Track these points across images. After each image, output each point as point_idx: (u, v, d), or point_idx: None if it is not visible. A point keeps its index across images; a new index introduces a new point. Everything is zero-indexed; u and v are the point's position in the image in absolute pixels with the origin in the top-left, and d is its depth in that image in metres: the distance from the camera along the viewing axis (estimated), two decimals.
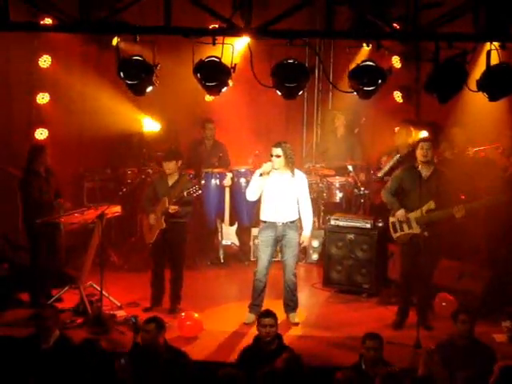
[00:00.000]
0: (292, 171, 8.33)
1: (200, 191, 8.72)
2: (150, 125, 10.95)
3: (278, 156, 8.21)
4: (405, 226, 8.19)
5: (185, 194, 8.49)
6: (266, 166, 8.23)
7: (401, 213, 8.16)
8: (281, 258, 8.50)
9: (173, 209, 8.48)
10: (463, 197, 8.60)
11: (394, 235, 8.33)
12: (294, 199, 8.35)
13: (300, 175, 8.44)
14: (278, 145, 8.26)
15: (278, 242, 8.37)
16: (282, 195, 8.29)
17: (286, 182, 8.31)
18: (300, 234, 8.43)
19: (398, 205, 8.22)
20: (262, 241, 8.38)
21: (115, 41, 7.33)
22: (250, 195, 8.40)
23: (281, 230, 8.31)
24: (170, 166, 8.67)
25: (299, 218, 8.41)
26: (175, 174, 8.74)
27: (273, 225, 8.32)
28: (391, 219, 8.33)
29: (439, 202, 8.02)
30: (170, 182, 8.71)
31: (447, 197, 8.08)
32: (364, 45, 7.31)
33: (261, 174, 8.24)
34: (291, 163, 8.31)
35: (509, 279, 8.58)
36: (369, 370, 6.27)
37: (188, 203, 8.63)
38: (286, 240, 8.33)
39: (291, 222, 8.35)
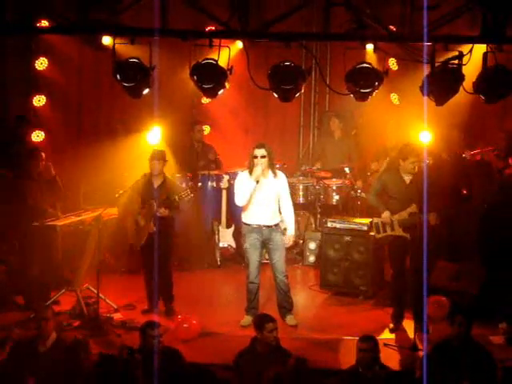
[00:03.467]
0: (274, 171, 8.26)
1: (192, 195, 8.66)
2: (154, 136, 10.74)
3: (264, 156, 8.10)
4: (387, 228, 8.22)
5: (176, 198, 8.47)
6: (258, 170, 8.09)
7: (386, 215, 8.18)
8: (269, 261, 8.43)
9: (162, 212, 8.44)
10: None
11: (377, 236, 8.39)
12: (277, 200, 8.30)
13: (281, 175, 8.36)
14: (261, 146, 8.14)
15: (265, 245, 8.31)
16: (267, 197, 8.21)
17: (270, 183, 8.23)
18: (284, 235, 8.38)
19: (384, 207, 8.25)
20: (249, 244, 8.28)
21: (110, 41, 7.32)
22: (242, 201, 8.19)
23: (267, 234, 8.24)
24: (159, 167, 8.58)
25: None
26: (160, 176, 8.66)
27: (258, 228, 8.24)
28: (374, 220, 8.38)
29: (420, 205, 8.00)
30: (156, 185, 8.64)
31: (428, 200, 8.06)
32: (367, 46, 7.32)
33: (257, 181, 8.10)
34: (273, 163, 8.27)
35: (505, 279, 8.57)
36: (365, 373, 6.27)
37: (177, 207, 8.58)
38: (273, 243, 8.26)
39: (275, 225, 8.30)
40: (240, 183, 8.25)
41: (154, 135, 10.32)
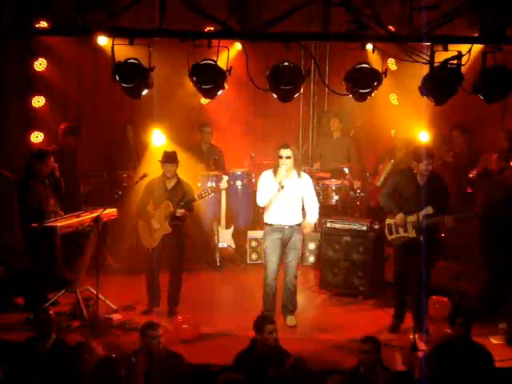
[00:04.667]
0: (299, 172, 8.26)
1: (212, 194, 8.82)
2: (158, 137, 10.66)
3: (289, 157, 8.09)
4: (400, 229, 8.18)
5: (196, 197, 8.54)
6: (283, 171, 8.05)
7: (400, 217, 8.13)
8: (284, 259, 8.41)
9: (180, 212, 8.48)
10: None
11: (389, 237, 8.34)
12: (300, 201, 8.29)
13: (305, 176, 8.37)
14: (286, 146, 8.12)
15: (284, 245, 8.29)
16: (290, 198, 8.20)
17: (293, 183, 8.22)
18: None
19: (398, 209, 8.20)
20: (269, 244, 8.25)
21: (109, 42, 7.30)
22: (264, 202, 8.18)
23: (288, 233, 8.23)
24: (173, 169, 8.63)
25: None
26: (174, 177, 8.70)
27: (280, 228, 8.22)
28: (388, 221, 8.32)
29: (434, 207, 8.01)
30: (169, 186, 8.68)
31: (442, 203, 8.07)
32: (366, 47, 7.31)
33: (281, 185, 8.06)
34: (297, 164, 8.26)
35: (505, 279, 8.57)
36: (367, 374, 6.26)
37: (191, 207, 8.65)
38: (292, 242, 8.26)
39: (297, 225, 8.30)
40: (264, 183, 8.23)
41: (157, 137, 10.33)
